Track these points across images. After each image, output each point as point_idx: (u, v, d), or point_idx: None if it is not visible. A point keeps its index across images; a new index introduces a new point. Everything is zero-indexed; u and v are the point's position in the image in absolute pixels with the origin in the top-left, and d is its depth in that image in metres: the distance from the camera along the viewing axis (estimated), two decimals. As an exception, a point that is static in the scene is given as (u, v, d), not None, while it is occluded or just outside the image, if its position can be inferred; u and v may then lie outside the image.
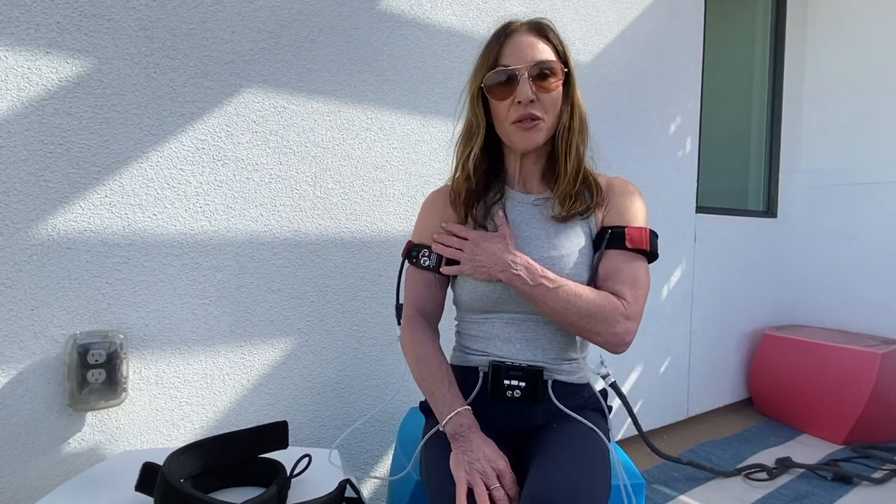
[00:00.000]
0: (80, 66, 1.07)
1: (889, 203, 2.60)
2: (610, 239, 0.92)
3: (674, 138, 2.32)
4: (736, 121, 2.91)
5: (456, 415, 0.85)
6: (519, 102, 0.88)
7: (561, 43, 0.93)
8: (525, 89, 0.87)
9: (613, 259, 0.91)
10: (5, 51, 1.00)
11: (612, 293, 0.89)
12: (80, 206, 1.09)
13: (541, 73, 0.89)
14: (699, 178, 2.45)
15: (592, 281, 0.93)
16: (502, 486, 0.75)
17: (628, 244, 0.91)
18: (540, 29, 0.93)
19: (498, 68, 0.90)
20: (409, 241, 1.06)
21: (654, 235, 0.93)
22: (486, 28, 1.65)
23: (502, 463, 0.78)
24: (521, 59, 0.89)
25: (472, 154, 0.95)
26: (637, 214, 0.94)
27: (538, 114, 0.90)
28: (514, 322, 0.94)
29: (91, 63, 1.09)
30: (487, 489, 0.74)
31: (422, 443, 0.92)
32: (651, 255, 0.93)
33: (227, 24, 1.24)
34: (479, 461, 0.77)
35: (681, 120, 2.35)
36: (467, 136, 0.98)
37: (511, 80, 0.89)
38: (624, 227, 0.92)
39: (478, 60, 0.95)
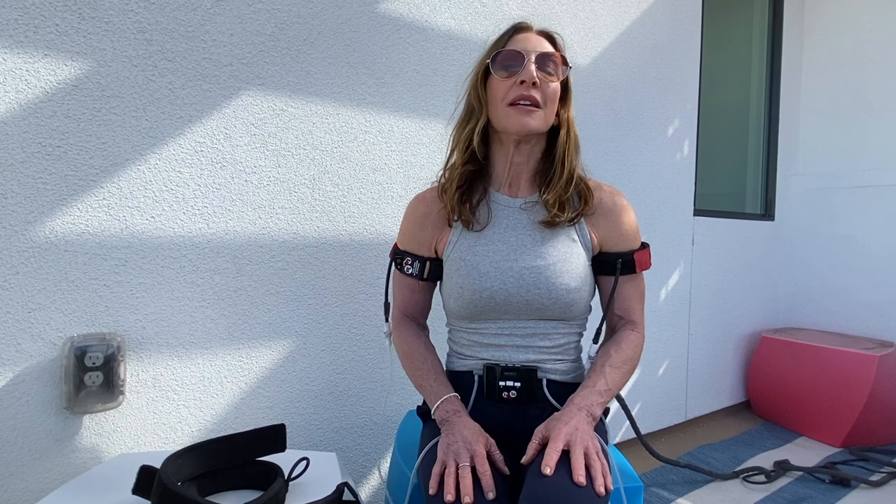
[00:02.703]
0: (78, 69, 1.07)
1: (886, 206, 2.61)
2: (623, 268, 0.96)
3: (672, 141, 2.33)
4: (734, 124, 2.93)
5: (443, 402, 0.90)
6: (522, 82, 0.89)
7: (564, 54, 0.95)
8: (531, 69, 0.89)
9: (628, 287, 0.98)
10: (3, 53, 1.00)
11: (628, 321, 0.98)
12: (78, 208, 1.09)
13: (545, 64, 0.91)
14: (697, 181, 2.46)
15: (606, 308, 0.99)
16: (475, 464, 0.77)
17: (638, 269, 0.97)
18: (549, 35, 0.96)
19: (506, 48, 0.91)
20: (396, 244, 1.07)
21: (647, 245, 1.01)
22: (484, 31, 1.65)
23: (478, 445, 0.79)
24: (528, 49, 0.91)
25: (476, 132, 0.94)
26: (636, 234, 0.99)
27: (538, 98, 0.90)
28: (504, 330, 0.95)
29: (89, 65, 1.09)
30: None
31: (422, 454, 0.91)
32: None
33: (225, 26, 1.24)
34: (456, 443, 0.80)
35: (678, 123, 2.36)
36: (466, 117, 0.98)
37: (518, 60, 0.90)
38: (632, 254, 0.97)
39: (486, 50, 0.96)
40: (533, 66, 0.89)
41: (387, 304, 1.09)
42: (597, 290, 1.02)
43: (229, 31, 1.25)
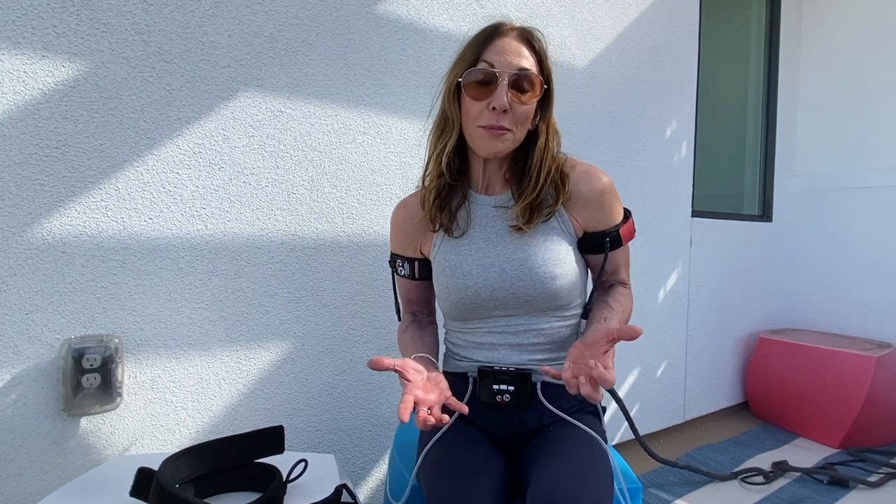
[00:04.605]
0: (76, 70, 1.07)
1: (883, 207, 2.62)
2: (611, 244, 0.96)
3: (669, 142, 2.34)
4: (731, 125, 2.93)
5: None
6: (493, 108, 0.86)
7: (546, 58, 0.91)
8: (502, 97, 0.85)
9: (617, 258, 1.00)
10: (1, 54, 1.00)
11: (617, 282, 1.01)
12: (76, 209, 1.09)
13: (520, 84, 0.86)
14: (695, 183, 2.46)
15: (595, 277, 0.99)
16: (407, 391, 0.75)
17: (625, 242, 0.98)
18: (529, 38, 0.90)
19: (480, 65, 0.88)
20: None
21: (630, 214, 1.01)
22: (482, 33, 1.65)
23: (407, 374, 0.79)
24: (503, 63, 0.86)
25: (447, 150, 0.94)
26: (618, 208, 0.97)
27: (507, 126, 0.87)
28: (496, 329, 0.95)
29: (87, 67, 1.09)
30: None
31: (422, 456, 0.91)
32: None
33: (223, 28, 1.24)
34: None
35: (676, 124, 2.36)
36: (440, 130, 0.96)
37: (489, 83, 0.86)
38: (618, 230, 0.96)
39: (460, 52, 0.93)
40: (505, 94, 0.85)
41: (397, 305, 1.12)
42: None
43: (227, 33, 1.25)
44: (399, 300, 1.11)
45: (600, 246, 0.96)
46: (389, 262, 1.10)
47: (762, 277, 2.87)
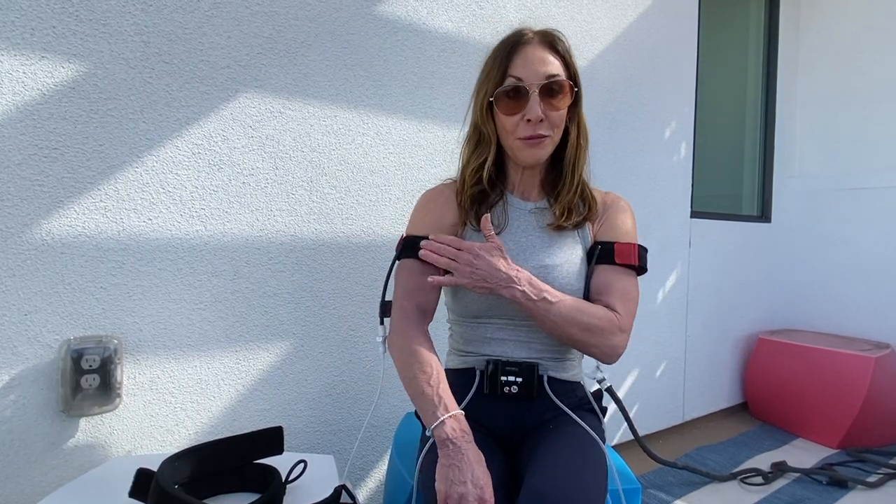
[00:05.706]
0: (75, 71, 1.07)
1: (882, 208, 2.62)
2: (600, 254, 0.95)
3: (668, 143, 2.34)
4: (730, 126, 2.94)
5: (450, 418, 0.77)
6: (528, 120, 0.89)
7: (571, 57, 0.94)
8: (535, 108, 0.88)
9: (604, 274, 0.94)
10: (1, 55, 1.00)
11: (606, 305, 0.91)
12: (75, 210, 1.08)
13: (550, 90, 0.89)
14: (694, 183, 2.46)
15: (586, 295, 0.96)
16: None
17: (617, 259, 0.93)
18: (552, 42, 0.92)
19: (508, 80, 0.90)
20: (403, 237, 0.99)
21: (643, 250, 0.96)
22: (481, 34, 1.66)
23: (487, 489, 0.71)
24: (532, 74, 0.88)
25: (487, 165, 0.96)
26: (626, 229, 0.97)
27: (545, 133, 0.90)
28: (508, 326, 0.95)
29: (86, 67, 1.09)
30: None
31: (423, 453, 0.90)
32: (640, 270, 0.96)
33: (223, 28, 1.24)
34: (465, 483, 0.71)
35: (675, 125, 2.36)
36: (475, 144, 0.98)
37: (521, 96, 0.89)
38: (613, 243, 0.95)
39: (486, 66, 0.95)
40: (537, 105, 0.88)
41: (384, 304, 1.00)
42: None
43: (227, 34, 1.25)
44: (397, 293, 0.95)
45: (592, 253, 0.96)
46: (406, 248, 0.96)
47: (761, 278, 2.87)
